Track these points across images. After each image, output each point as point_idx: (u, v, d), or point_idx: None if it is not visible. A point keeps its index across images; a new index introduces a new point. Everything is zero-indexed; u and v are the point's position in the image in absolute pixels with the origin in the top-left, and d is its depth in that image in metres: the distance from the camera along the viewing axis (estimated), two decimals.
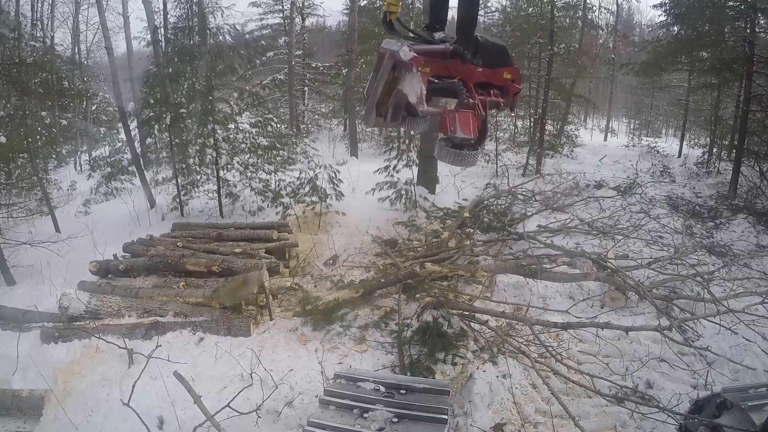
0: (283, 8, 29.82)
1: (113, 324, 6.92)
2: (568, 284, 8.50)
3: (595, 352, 6.73)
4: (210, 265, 8.19)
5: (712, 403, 4.33)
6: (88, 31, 26.24)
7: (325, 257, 9.72)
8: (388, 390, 3.85)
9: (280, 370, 6.05)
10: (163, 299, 7.49)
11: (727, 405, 4.16)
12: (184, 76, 12.58)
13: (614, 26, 30.95)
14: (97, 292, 7.66)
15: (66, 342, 6.59)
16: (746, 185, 15.97)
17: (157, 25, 14.16)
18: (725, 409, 4.17)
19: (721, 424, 4.05)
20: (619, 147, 26.37)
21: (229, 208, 12.71)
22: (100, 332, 6.59)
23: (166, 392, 5.42)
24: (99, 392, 5.77)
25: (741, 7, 16.15)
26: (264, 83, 24.37)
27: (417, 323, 6.90)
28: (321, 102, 31.44)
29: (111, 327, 6.82)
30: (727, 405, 4.15)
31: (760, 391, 4.16)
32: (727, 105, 21.75)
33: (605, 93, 37.98)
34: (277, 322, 7.36)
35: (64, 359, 6.31)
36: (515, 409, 5.71)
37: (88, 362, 6.29)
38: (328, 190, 11.65)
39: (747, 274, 8.84)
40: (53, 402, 5.53)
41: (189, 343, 6.67)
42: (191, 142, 12.31)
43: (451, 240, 9.59)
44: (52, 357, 6.33)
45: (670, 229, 11.06)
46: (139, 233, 10.32)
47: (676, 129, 33.38)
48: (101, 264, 8.66)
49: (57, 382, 5.93)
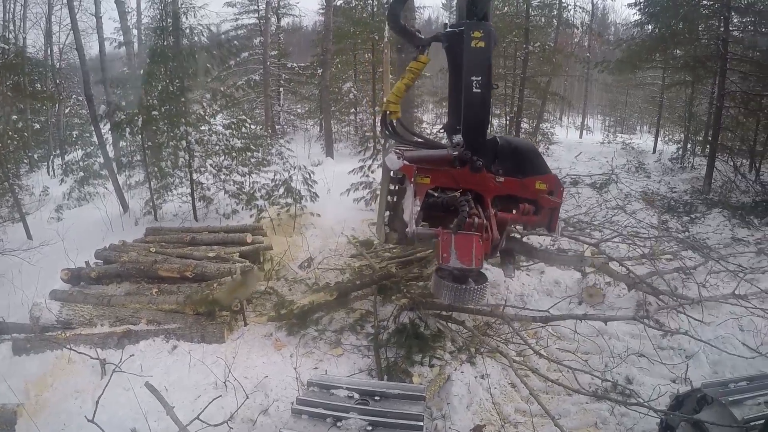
0: (258, 8, 29.67)
1: (85, 334, 6.72)
2: (545, 282, 8.50)
3: (573, 349, 6.70)
4: (183, 271, 8.01)
5: (692, 398, 4.31)
6: (61, 33, 25.90)
7: (300, 260, 9.59)
8: (362, 397, 3.75)
9: (255, 377, 5.93)
10: (136, 307, 7.30)
11: (707, 400, 4.13)
12: (158, 77, 12.37)
13: (589, 25, 31.23)
14: (69, 301, 7.45)
15: (38, 354, 6.39)
16: (720, 180, 16.20)
17: (130, 26, 13.95)
18: (705, 404, 4.14)
19: (702, 420, 4.02)
20: (594, 144, 26.65)
21: (203, 211, 12.52)
22: (72, 342, 6.39)
23: (138, 404, 5.26)
24: (71, 405, 5.59)
25: (715, 6, 16.38)
26: (239, 84, 24.14)
27: (393, 325, 6.81)
28: (297, 102, 31.38)
29: (83, 337, 6.63)
30: (708, 400, 4.13)
31: (740, 385, 4.15)
32: (701, 101, 22.08)
33: (580, 91, 38.47)
34: (252, 327, 7.21)
35: (36, 371, 6.11)
36: (494, 410, 5.63)
37: (61, 374, 6.10)
38: (303, 192, 11.55)
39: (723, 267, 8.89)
40: (25, 416, 5.35)
41: (162, 352, 6.50)
42: (164, 144, 12.11)
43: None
44: (24, 369, 6.15)
45: (646, 225, 11.12)
46: (112, 239, 10.09)
47: (651, 125, 33.83)
48: (73, 271, 8.44)
49: (29, 395, 5.74)
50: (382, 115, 3.76)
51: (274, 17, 29.97)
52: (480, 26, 3.57)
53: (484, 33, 3.54)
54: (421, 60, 3.65)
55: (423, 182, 3.41)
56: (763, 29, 16.64)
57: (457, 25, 3.66)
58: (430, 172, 3.46)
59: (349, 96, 26.39)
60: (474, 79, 3.55)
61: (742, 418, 3.73)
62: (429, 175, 3.45)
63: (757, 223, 11.98)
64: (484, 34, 3.54)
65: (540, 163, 3.63)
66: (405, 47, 12.54)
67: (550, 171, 3.61)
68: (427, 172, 3.45)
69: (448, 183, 3.56)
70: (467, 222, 3.35)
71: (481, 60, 3.57)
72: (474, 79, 3.55)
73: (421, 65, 3.67)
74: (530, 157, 3.66)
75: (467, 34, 3.55)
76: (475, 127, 3.56)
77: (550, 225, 3.63)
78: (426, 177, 3.42)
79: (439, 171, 3.51)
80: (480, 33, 3.54)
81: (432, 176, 3.46)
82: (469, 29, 3.54)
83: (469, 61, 3.58)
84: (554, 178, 3.57)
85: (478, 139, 3.54)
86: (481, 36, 3.55)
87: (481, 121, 3.62)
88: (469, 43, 3.56)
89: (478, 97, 3.55)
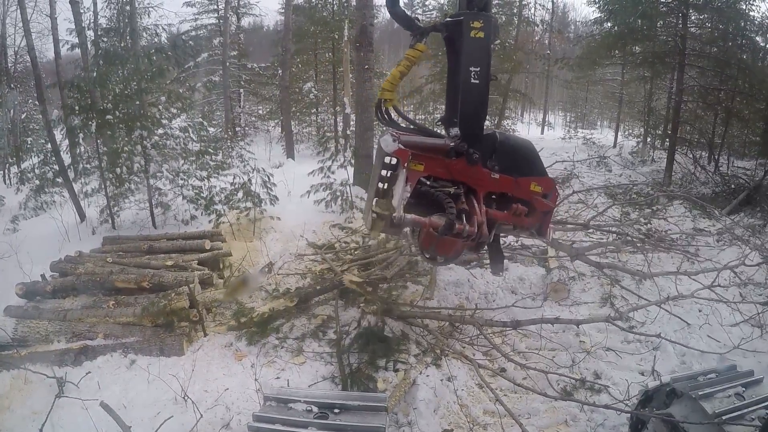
0: (218, 8, 29.30)
1: (41, 351, 6.51)
2: (509, 279, 8.46)
3: (540, 347, 6.69)
4: (140, 281, 7.75)
5: (662, 393, 4.31)
6: (16, 35, 24.90)
7: (260, 265, 9.35)
8: (321, 410, 3.61)
9: (216, 390, 5.76)
10: (93, 321, 7.06)
11: (676, 393, 4.14)
12: (113, 79, 12.00)
13: (549, 22, 31.62)
14: (24, 317, 7.21)
15: None
16: (681, 172, 16.51)
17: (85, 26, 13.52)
18: (675, 397, 4.15)
19: (672, 414, 3.99)
20: (556, 140, 26.97)
21: (161, 218, 12.15)
22: (28, 361, 6.20)
23: (94, 424, 5.03)
24: (29, 427, 5.35)
25: (673, 3, 16.72)
26: (197, 86, 23.76)
27: (356, 330, 6.69)
28: (257, 104, 31.07)
29: (39, 354, 6.42)
30: (677, 393, 4.13)
31: (710, 377, 4.18)
32: (660, 96, 22.61)
33: (541, 88, 39.01)
34: (211, 337, 7.00)
35: None
36: (462, 412, 5.57)
37: (17, 395, 5.89)
38: (262, 195, 11.33)
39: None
40: None
41: (120, 367, 6.31)
42: (120, 149, 11.75)
43: (389, 241, 9.40)
44: None
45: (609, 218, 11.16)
46: (68, 249, 9.72)
47: (611, 121, 34.54)
48: (28, 286, 8.09)
49: None
50: (377, 103, 3.61)
51: (234, 17, 29.62)
52: (479, 16, 3.49)
53: (484, 23, 3.46)
54: (418, 48, 3.54)
55: (416, 169, 3.29)
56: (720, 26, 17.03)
57: (457, 14, 3.57)
58: (424, 159, 3.34)
59: (310, 96, 26.21)
60: (472, 69, 3.46)
61: (713, 411, 3.73)
62: (423, 162, 3.33)
63: (718, 214, 12.17)
64: (484, 24, 3.46)
65: (538, 165, 3.56)
66: (364, 45, 12.41)
67: (547, 174, 3.53)
68: (422, 159, 3.33)
69: (441, 173, 3.43)
70: (457, 230, 3.22)
71: (479, 51, 3.48)
72: (472, 69, 3.46)
73: (419, 53, 3.56)
74: (529, 157, 3.57)
75: (466, 25, 3.46)
76: (472, 119, 3.45)
77: (541, 229, 3.54)
78: (420, 164, 3.30)
79: (433, 159, 3.39)
80: (480, 23, 3.46)
81: (426, 164, 3.33)
82: (469, 19, 3.45)
83: (467, 52, 3.50)
84: (550, 182, 3.51)
85: (475, 132, 3.43)
86: (480, 26, 3.46)
87: (479, 113, 3.51)
88: (468, 33, 3.48)
89: (475, 89, 3.45)
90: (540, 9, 29.25)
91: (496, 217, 3.48)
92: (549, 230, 3.62)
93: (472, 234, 3.32)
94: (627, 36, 18.10)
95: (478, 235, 3.32)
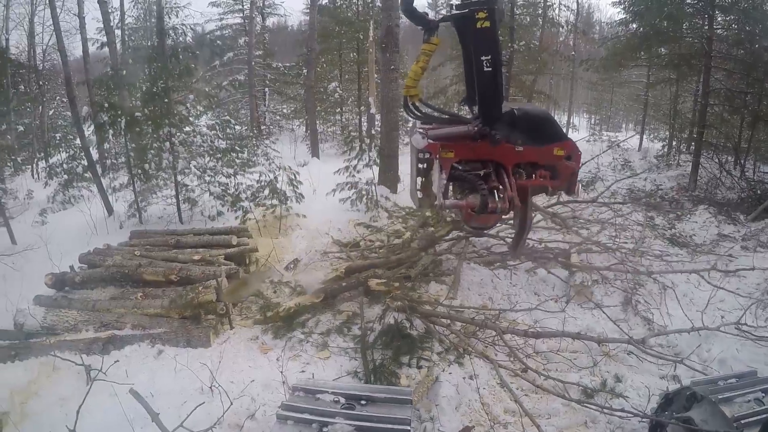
0: (243, 8, 29.50)
1: (70, 339, 6.61)
2: (532, 281, 8.47)
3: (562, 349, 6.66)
4: (168, 274, 7.89)
5: (682, 396, 4.32)
6: (44, 33, 25.39)
7: (286, 261, 9.48)
8: (348, 401, 3.68)
9: (241, 381, 5.83)
10: (121, 311, 7.16)
11: (696, 397, 4.13)
12: (141, 78, 12.23)
13: (574, 23, 31.36)
14: (53, 307, 7.33)
15: (23, 360, 6.28)
16: (706, 177, 16.31)
17: (113, 26, 13.77)
18: (695, 401, 4.14)
19: (692, 418, 4.01)
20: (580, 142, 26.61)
21: (188, 213, 12.38)
22: (57, 349, 6.29)
23: (123, 411, 5.16)
24: (57, 413, 5.42)
25: (699, 4, 16.52)
26: (223, 84, 23.97)
27: (380, 326, 6.75)
28: (282, 103, 31.21)
29: (68, 343, 6.52)
30: (697, 397, 4.13)
31: (730, 382, 4.18)
32: (686, 99, 22.30)
33: (566, 89, 38.66)
34: (237, 330, 7.12)
35: (21, 379, 5.97)
36: (483, 410, 5.59)
37: (46, 381, 5.99)
38: (288, 193, 11.46)
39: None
40: (10, 425, 5.23)
41: (147, 357, 6.41)
42: (148, 146, 11.97)
43: (414, 240, 9.47)
44: (9, 377, 5.99)
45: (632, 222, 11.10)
46: (96, 242, 9.92)
47: (636, 123, 34.08)
48: (57, 276, 8.26)
49: (14, 403, 5.60)
50: (404, 99, 3.97)
51: (259, 17, 29.85)
52: (483, 5, 3.64)
53: (488, 12, 3.62)
54: (432, 42, 3.79)
55: (447, 156, 3.64)
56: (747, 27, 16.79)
57: (461, 6, 3.74)
58: (453, 147, 3.68)
59: (335, 96, 26.34)
60: (483, 59, 3.72)
61: (733, 415, 3.73)
62: (453, 149, 3.67)
63: (743, 219, 12.04)
64: (489, 14, 3.62)
65: (556, 130, 3.87)
66: (390, 47, 12.48)
67: (566, 137, 3.87)
68: (451, 147, 3.68)
69: (470, 156, 3.79)
70: (491, 207, 3.65)
71: (488, 41, 3.72)
72: (483, 59, 3.72)
73: (433, 47, 3.84)
74: (546, 125, 3.87)
75: (471, 18, 3.64)
76: (490, 103, 3.75)
77: (569, 188, 3.92)
78: (450, 151, 3.65)
79: (461, 145, 3.74)
80: (484, 14, 3.63)
81: (455, 150, 3.68)
82: (473, 11, 3.63)
83: (476, 44, 3.75)
84: (571, 144, 3.83)
85: (494, 114, 3.74)
86: (485, 16, 3.63)
87: (496, 98, 3.80)
88: (474, 24, 3.66)
89: (489, 75, 3.72)
90: (565, 10, 28.92)
91: (525, 185, 3.78)
92: (577, 188, 3.90)
93: (505, 209, 3.69)
94: (652, 37, 17.91)
95: (510, 207, 3.71)
